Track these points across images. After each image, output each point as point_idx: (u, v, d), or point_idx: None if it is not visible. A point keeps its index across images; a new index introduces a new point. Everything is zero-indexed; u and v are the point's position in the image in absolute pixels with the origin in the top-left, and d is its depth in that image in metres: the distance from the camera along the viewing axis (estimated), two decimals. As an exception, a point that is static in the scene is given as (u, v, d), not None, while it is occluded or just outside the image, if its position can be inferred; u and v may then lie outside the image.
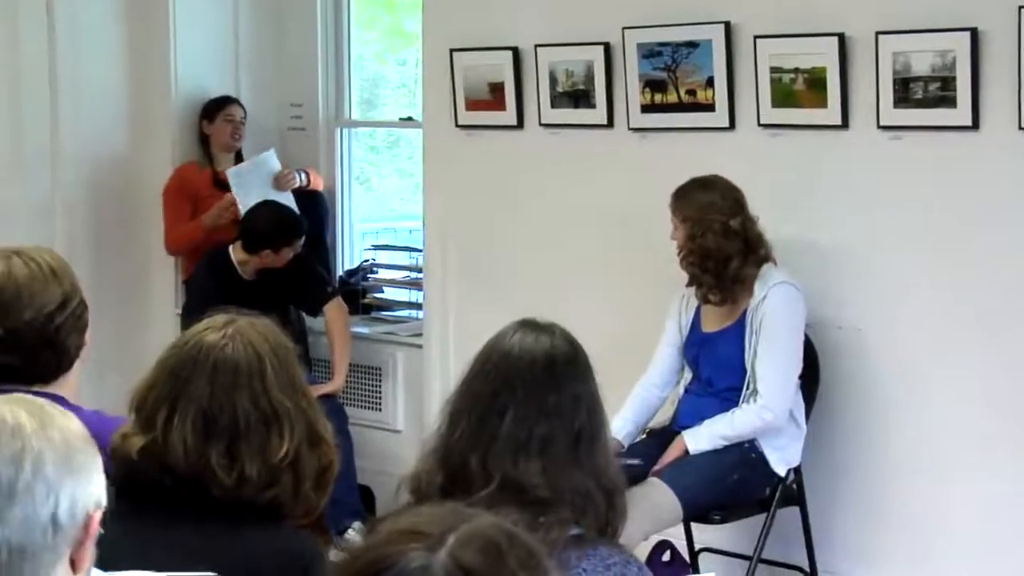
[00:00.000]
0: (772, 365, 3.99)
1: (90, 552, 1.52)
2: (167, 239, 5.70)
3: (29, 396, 1.56)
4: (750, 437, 4.01)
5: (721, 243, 4.03)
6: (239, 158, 5.82)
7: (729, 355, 4.08)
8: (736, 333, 4.08)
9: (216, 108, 5.80)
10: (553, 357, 2.16)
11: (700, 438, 4.00)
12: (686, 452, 4.00)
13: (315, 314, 5.44)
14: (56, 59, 5.73)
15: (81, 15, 5.78)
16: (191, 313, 5.17)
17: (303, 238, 5.27)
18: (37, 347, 2.48)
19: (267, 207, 5.35)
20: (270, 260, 5.21)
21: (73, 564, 1.50)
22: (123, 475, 2.13)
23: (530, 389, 2.12)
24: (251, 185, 5.58)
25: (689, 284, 4.16)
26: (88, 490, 1.50)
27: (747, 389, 4.02)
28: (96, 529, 1.51)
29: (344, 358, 5.33)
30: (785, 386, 4.02)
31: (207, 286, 5.19)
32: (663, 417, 4.29)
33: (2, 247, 2.57)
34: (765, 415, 3.98)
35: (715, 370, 4.14)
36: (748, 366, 4.02)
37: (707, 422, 4.02)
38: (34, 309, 2.46)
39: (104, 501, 1.53)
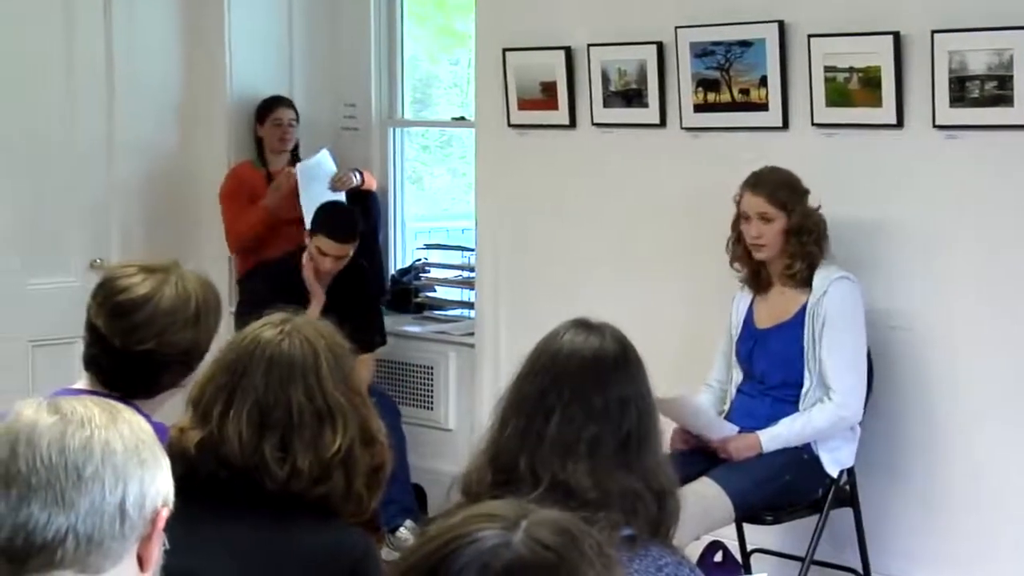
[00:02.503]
0: (844, 362, 4.00)
1: (157, 549, 1.53)
2: (230, 236, 5.71)
3: (100, 397, 1.59)
4: (827, 436, 4.01)
5: (819, 219, 4.09)
6: (294, 157, 5.86)
7: (783, 351, 4.08)
8: (792, 329, 4.08)
9: (266, 111, 5.85)
10: (601, 358, 2.15)
11: (776, 438, 3.99)
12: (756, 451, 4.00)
13: None
14: (113, 57, 5.79)
15: (138, 13, 5.85)
16: (243, 315, 5.21)
17: (350, 244, 5.16)
18: (135, 372, 2.48)
19: (342, 204, 5.37)
20: (319, 260, 5.13)
21: (140, 561, 1.51)
22: (180, 470, 2.16)
23: (576, 390, 2.12)
24: (312, 183, 5.64)
25: (755, 273, 4.16)
26: (155, 485, 1.52)
27: (809, 384, 4.01)
28: (162, 526, 1.53)
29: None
30: (859, 383, 4.03)
31: (261, 291, 5.20)
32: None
33: (166, 259, 2.56)
34: (843, 413, 4.00)
35: (769, 366, 4.14)
36: (808, 362, 4.02)
37: (783, 421, 4.01)
38: (155, 343, 2.46)
39: (171, 500, 1.55)
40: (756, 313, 4.22)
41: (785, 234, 4.07)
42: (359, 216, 5.28)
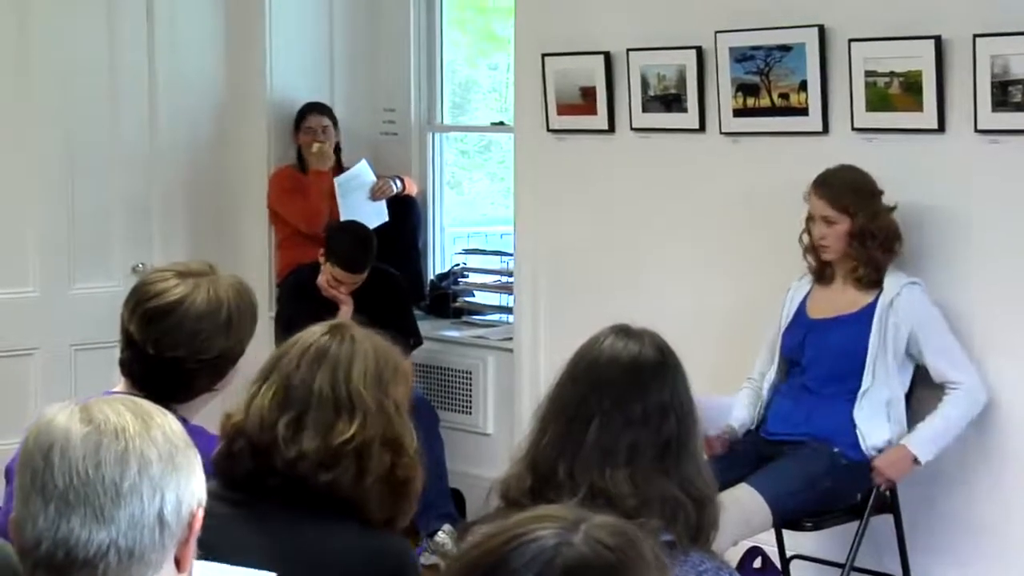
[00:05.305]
0: (955, 357, 4.06)
1: (193, 550, 1.54)
2: (306, 224, 5.68)
3: (132, 397, 1.60)
4: (968, 423, 4.05)
5: (888, 223, 4.09)
6: (338, 162, 5.88)
7: (841, 343, 4.08)
8: (856, 324, 4.07)
9: (300, 120, 5.89)
10: (639, 365, 2.16)
11: (929, 442, 4.00)
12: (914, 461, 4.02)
13: None
14: (155, 64, 5.86)
15: (179, 21, 5.91)
16: (281, 320, 5.23)
17: (361, 274, 5.18)
18: (167, 377, 2.48)
19: (358, 228, 5.33)
20: (334, 284, 5.16)
21: (178, 563, 1.53)
22: (221, 456, 2.18)
23: (615, 397, 2.13)
24: (352, 194, 5.68)
25: (823, 266, 4.16)
26: (190, 488, 1.53)
27: (868, 384, 4.01)
28: (199, 527, 1.54)
29: None
30: (974, 365, 4.07)
31: (293, 304, 5.24)
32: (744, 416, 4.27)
33: (202, 263, 2.55)
34: (977, 396, 4.06)
35: (818, 356, 4.13)
36: (873, 363, 4.01)
37: (924, 426, 4.02)
38: (187, 350, 2.46)
39: (204, 499, 1.56)
40: (811, 303, 4.22)
41: (849, 237, 4.07)
42: (373, 240, 5.25)
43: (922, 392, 4.16)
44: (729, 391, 4.27)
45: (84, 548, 1.45)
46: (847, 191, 4.07)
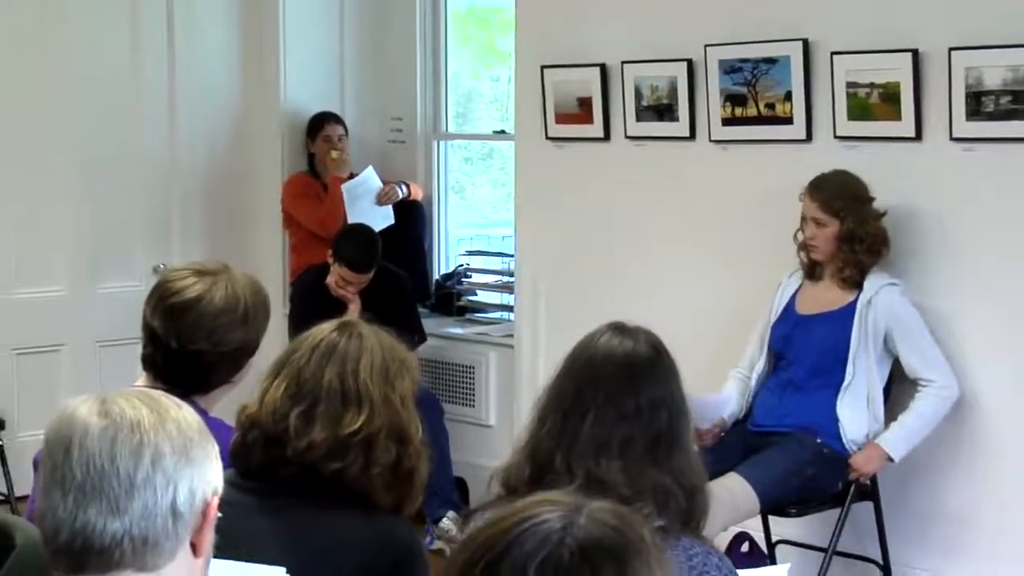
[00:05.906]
0: (928, 356, 4.16)
1: (209, 536, 1.58)
2: (322, 228, 5.76)
3: (149, 390, 1.64)
4: (940, 420, 4.16)
5: (876, 229, 4.19)
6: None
7: (825, 339, 4.19)
8: (838, 320, 4.18)
9: (316, 128, 6.00)
10: (633, 361, 2.20)
11: (901, 440, 4.11)
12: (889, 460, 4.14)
13: None
14: (175, 75, 5.98)
15: (198, 34, 6.04)
16: (294, 321, 5.34)
17: (368, 273, 5.29)
18: (188, 370, 2.55)
19: (363, 231, 5.43)
20: (342, 284, 5.28)
21: (193, 548, 1.56)
22: (237, 446, 2.26)
23: (609, 392, 2.17)
24: (359, 199, 5.79)
25: (813, 264, 4.26)
26: (205, 478, 1.55)
27: (850, 378, 4.12)
28: (214, 514, 1.57)
29: None
30: (946, 364, 4.17)
31: (304, 302, 5.35)
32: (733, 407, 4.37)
33: (217, 262, 2.63)
34: (947, 394, 4.15)
35: (803, 351, 4.23)
36: (855, 358, 4.12)
37: (897, 425, 4.13)
38: (208, 343, 2.53)
39: (220, 487, 1.59)
40: (799, 300, 4.32)
41: (837, 240, 4.17)
42: (378, 242, 5.34)
43: (899, 386, 4.25)
44: (720, 386, 4.37)
45: (100, 537, 1.48)
46: (838, 196, 4.16)
